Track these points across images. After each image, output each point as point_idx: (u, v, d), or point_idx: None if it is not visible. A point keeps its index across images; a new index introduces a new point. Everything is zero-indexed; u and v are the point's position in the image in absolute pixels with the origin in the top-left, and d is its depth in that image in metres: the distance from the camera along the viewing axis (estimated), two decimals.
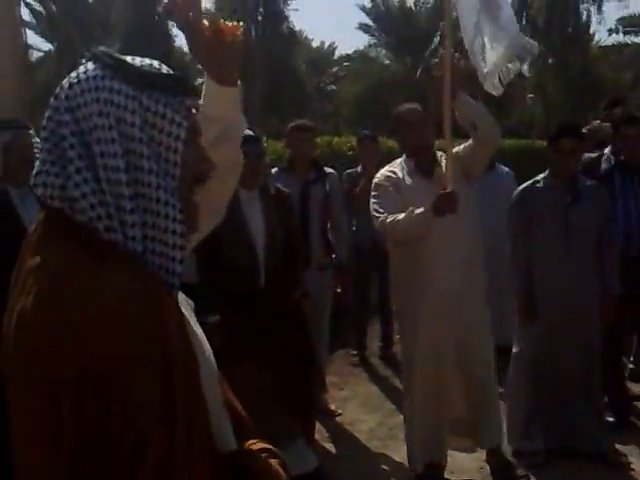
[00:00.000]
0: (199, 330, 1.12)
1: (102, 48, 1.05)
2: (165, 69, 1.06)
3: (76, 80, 1.02)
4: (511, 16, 3.12)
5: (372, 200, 3.32)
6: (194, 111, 1.07)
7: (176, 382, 0.93)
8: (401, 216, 3.12)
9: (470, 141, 3.21)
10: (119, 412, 0.89)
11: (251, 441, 1.15)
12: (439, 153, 3.34)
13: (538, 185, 3.66)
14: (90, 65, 1.03)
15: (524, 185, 3.75)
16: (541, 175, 3.71)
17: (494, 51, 3.05)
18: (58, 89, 1.03)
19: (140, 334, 0.91)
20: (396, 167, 3.37)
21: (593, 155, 4.38)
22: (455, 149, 3.23)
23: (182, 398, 0.94)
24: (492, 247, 3.91)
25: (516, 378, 3.72)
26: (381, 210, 3.24)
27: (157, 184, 0.99)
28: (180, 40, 25.02)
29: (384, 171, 3.40)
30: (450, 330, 3.21)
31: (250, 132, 3.26)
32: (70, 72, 1.06)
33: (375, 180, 3.39)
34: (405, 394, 3.50)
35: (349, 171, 5.35)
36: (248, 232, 3.18)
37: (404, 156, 3.40)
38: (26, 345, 0.93)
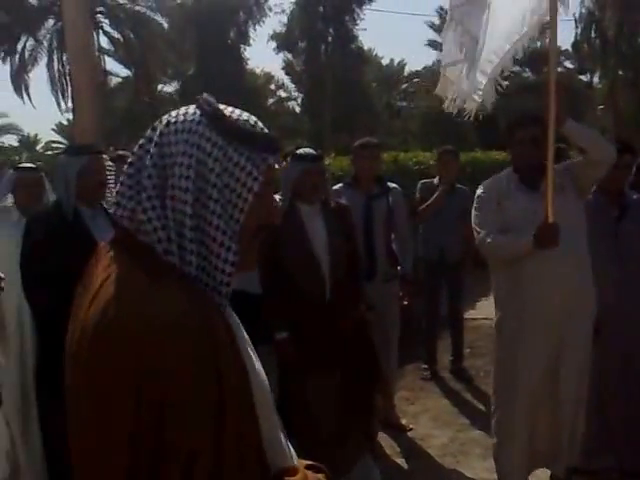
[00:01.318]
0: (252, 351, 1.17)
1: (206, 95, 1.13)
2: (260, 127, 1.13)
3: (174, 120, 1.10)
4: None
5: (473, 212, 3.29)
6: (276, 166, 1.14)
7: (228, 398, 0.98)
8: (502, 239, 3.10)
9: (582, 159, 3.12)
10: (174, 426, 0.95)
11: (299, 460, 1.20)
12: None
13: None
14: (191, 109, 1.12)
15: None
16: None
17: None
18: (157, 122, 1.13)
19: (193, 350, 0.96)
20: (502, 176, 3.31)
21: None
22: (567, 163, 3.17)
23: (233, 414, 0.98)
24: None
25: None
26: (482, 226, 3.20)
27: (217, 225, 1.06)
28: (252, 63, 25.63)
29: (490, 181, 3.34)
30: (550, 347, 3.12)
31: (312, 150, 3.34)
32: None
33: (478, 191, 3.33)
34: (496, 410, 3.33)
35: (424, 181, 5.39)
36: (311, 247, 3.21)
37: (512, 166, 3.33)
38: (86, 355, 1.00)
